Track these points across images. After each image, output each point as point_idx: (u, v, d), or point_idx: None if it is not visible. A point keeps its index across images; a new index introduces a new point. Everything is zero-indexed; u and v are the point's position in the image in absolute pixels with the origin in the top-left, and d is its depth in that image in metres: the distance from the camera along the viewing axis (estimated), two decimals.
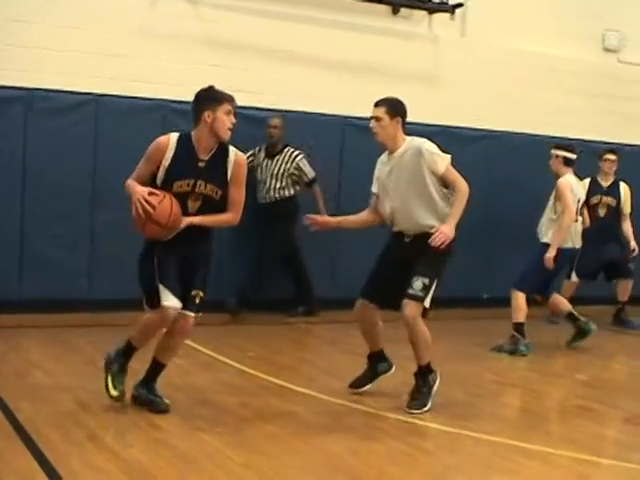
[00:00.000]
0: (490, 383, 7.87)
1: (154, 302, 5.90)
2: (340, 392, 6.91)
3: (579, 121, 13.08)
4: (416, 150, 6.47)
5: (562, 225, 9.21)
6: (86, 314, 9.59)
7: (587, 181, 11.04)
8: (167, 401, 6.12)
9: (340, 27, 11.63)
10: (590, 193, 11.03)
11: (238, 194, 6.07)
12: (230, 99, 6.03)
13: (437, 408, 6.15)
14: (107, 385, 6.11)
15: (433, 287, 6.42)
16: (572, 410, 7.01)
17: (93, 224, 10.07)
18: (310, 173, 10.52)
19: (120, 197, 6.42)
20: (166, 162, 5.93)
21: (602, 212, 11.20)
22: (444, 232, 6.26)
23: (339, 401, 6.71)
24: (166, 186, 5.92)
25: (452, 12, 12.30)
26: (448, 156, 6.52)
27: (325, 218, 7.37)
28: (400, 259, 6.53)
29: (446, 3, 12.22)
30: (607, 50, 13.91)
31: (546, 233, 9.44)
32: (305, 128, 10.94)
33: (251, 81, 10.78)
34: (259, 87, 10.85)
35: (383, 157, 6.76)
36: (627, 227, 11.29)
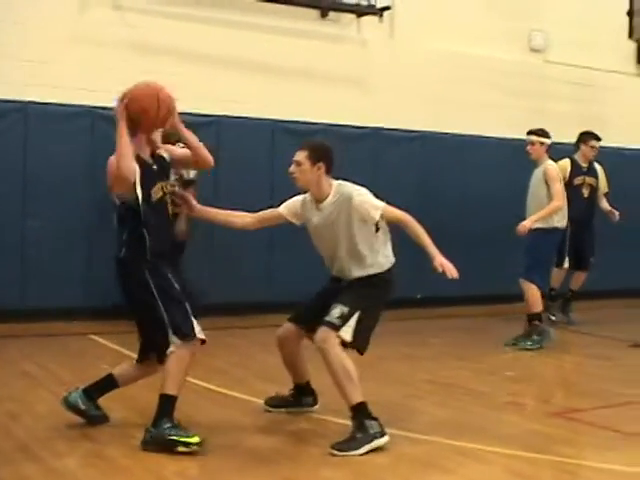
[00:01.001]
0: (424, 383, 7.94)
1: (189, 329, 5.61)
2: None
3: (507, 120, 13.28)
4: (346, 200, 6.07)
5: (552, 208, 9.66)
6: (17, 324, 9.48)
7: (566, 162, 11.20)
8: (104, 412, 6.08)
9: (269, 31, 11.69)
10: (572, 174, 11.20)
11: None
12: None
13: (372, 410, 6.20)
14: (183, 444, 5.49)
15: (354, 319, 5.89)
16: (503, 407, 7.10)
17: (24, 231, 9.97)
18: (191, 173, 10.26)
19: (50, 204, 6.38)
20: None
21: (586, 192, 11.29)
22: (444, 264, 6.23)
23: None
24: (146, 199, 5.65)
25: (380, 15, 12.43)
26: (382, 204, 6.14)
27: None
28: (334, 292, 6.21)
29: (374, 6, 12.34)
30: (533, 50, 14.14)
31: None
32: (235, 132, 10.98)
33: (180, 86, 10.60)
34: (189, 92, 10.76)
35: (309, 200, 6.27)
36: (605, 205, 11.53)
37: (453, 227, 12.55)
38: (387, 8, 12.40)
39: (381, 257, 6.32)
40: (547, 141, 10.08)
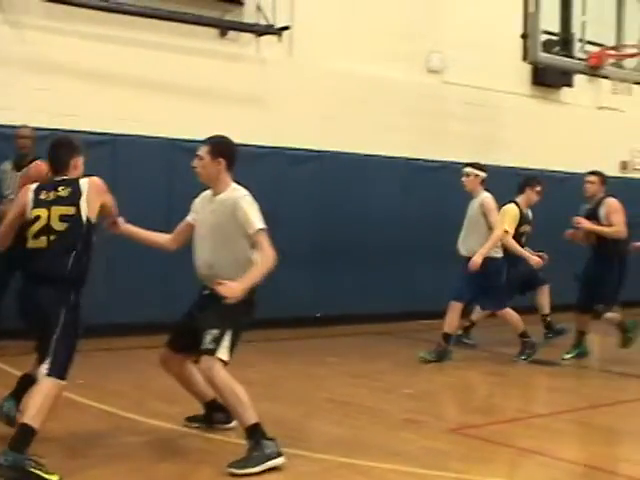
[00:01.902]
0: (322, 401, 7.94)
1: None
2: (170, 416, 6.87)
3: (405, 140, 13.47)
4: (233, 202, 6.09)
5: (495, 238, 9.91)
6: None
7: (515, 209, 10.63)
8: None
9: (168, 49, 11.63)
10: (520, 222, 10.73)
11: None
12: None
13: (269, 429, 6.17)
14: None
15: (227, 339, 5.91)
16: (400, 424, 7.15)
17: None
18: None
19: None
20: None
21: (523, 240, 10.86)
22: (232, 288, 5.76)
23: (169, 425, 6.68)
24: None
25: (279, 34, 12.46)
26: (261, 225, 6.03)
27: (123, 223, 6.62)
28: (201, 307, 6.25)
29: (273, 26, 12.36)
30: (431, 71, 14.35)
31: (473, 248, 9.97)
32: (133, 151, 10.88)
33: (76, 104, 10.66)
34: (84, 110, 10.73)
35: (208, 193, 6.38)
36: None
37: (354, 246, 12.71)
38: (286, 28, 12.46)
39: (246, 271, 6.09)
40: (482, 174, 10.26)
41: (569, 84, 16.08)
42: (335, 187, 12.62)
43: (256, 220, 6.04)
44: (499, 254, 10.13)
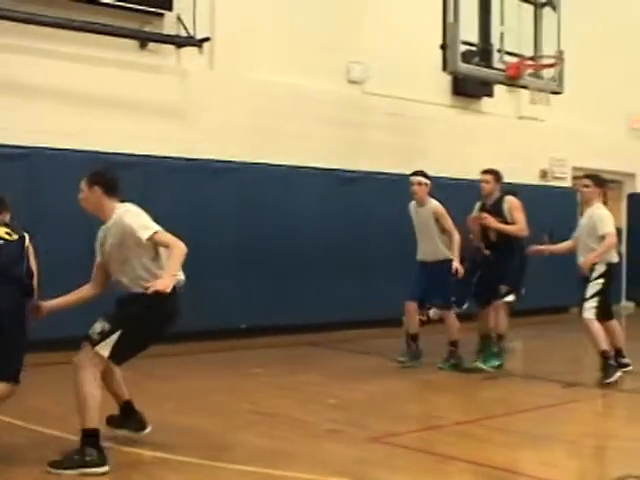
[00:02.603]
0: (247, 413, 7.92)
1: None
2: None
3: (327, 151, 13.51)
4: (119, 222, 6.21)
5: (458, 241, 10.12)
6: None
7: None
8: None
9: (87, 61, 11.52)
10: None
11: None
12: None
13: (193, 441, 6.13)
14: None
15: (115, 337, 6.01)
16: (324, 434, 7.16)
17: None
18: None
19: None
20: None
21: None
22: (161, 283, 5.81)
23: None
24: None
25: (200, 46, 12.42)
26: (155, 227, 6.14)
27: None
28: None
29: (193, 37, 12.32)
30: (351, 81, 14.44)
31: (436, 252, 10.19)
32: (51, 165, 10.72)
33: None
34: (3, 123, 10.55)
35: (103, 225, 6.46)
36: None
37: (277, 257, 12.71)
38: (207, 39, 12.43)
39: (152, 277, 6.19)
40: (430, 182, 10.46)
41: (489, 94, 16.30)
42: (257, 199, 12.60)
43: (146, 226, 6.14)
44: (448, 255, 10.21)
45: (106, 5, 11.65)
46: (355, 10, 14.28)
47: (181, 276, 6.24)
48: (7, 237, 6.20)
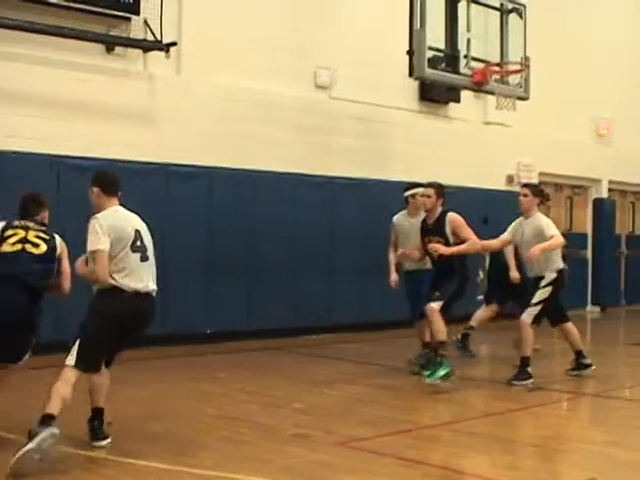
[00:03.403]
0: (211, 418, 7.90)
1: None
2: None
3: (293, 156, 13.51)
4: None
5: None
6: None
7: None
8: None
9: (53, 65, 11.44)
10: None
11: None
12: None
13: (158, 446, 6.10)
14: None
15: (75, 347, 6.44)
16: (289, 438, 7.15)
17: None
18: None
19: None
20: None
21: None
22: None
23: (56, 446, 6.52)
24: None
25: (167, 50, 12.37)
26: (92, 247, 6.49)
27: None
28: None
29: (160, 41, 12.26)
30: (319, 87, 14.44)
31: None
32: (17, 168, 10.64)
33: None
34: None
35: None
36: None
37: (242, 262, 12.71)
38: (174, 44, 12.38)
39: (117, 282, 6.50)
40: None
41: (456, 100, 16.37)
42: (223, 203, 12.59)
43: (90, 244, 6.47)
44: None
45: (73, 9, 11.56)
46: (322, 15, 14.30)
47: (152, 286, 6.54)
48: (33, 250, 6.61)
